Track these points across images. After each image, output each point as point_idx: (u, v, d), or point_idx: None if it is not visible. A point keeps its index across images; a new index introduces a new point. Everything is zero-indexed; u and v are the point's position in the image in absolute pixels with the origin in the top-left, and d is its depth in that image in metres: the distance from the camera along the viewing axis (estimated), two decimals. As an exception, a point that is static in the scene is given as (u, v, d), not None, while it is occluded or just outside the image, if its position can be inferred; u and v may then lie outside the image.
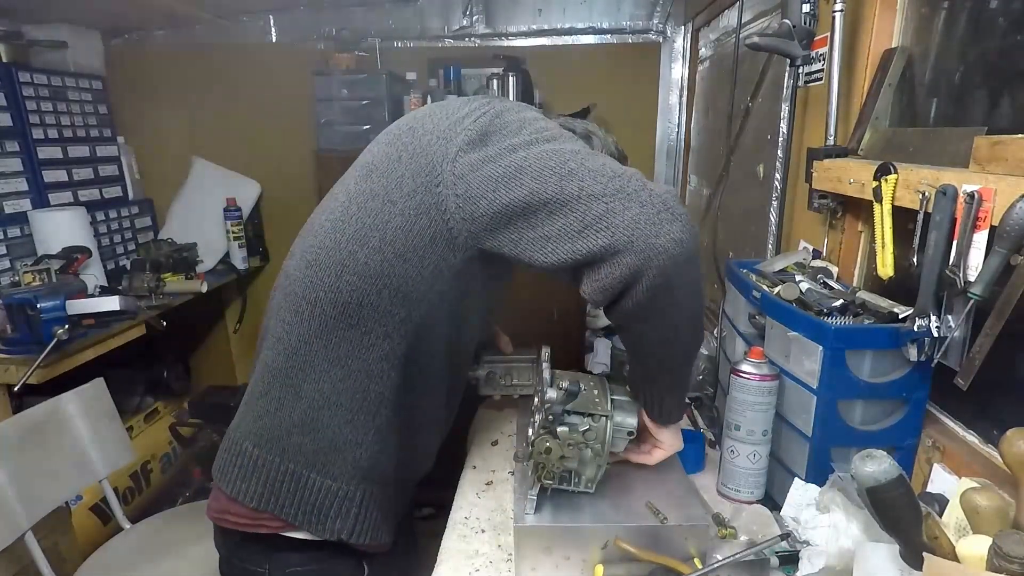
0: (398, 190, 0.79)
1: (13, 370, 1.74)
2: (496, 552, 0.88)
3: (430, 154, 0.78)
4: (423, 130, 0.81)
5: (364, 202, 0.81)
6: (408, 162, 0.79)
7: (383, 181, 0.81)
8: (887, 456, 0.62)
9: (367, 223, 0.80)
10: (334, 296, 0.81)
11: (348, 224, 0.81)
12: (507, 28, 2.70)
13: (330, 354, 0.82)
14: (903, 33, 1.06)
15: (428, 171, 0.77)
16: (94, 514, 1.93)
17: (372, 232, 0.79)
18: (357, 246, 0.80)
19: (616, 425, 0.85)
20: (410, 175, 0.78)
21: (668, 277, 0.70)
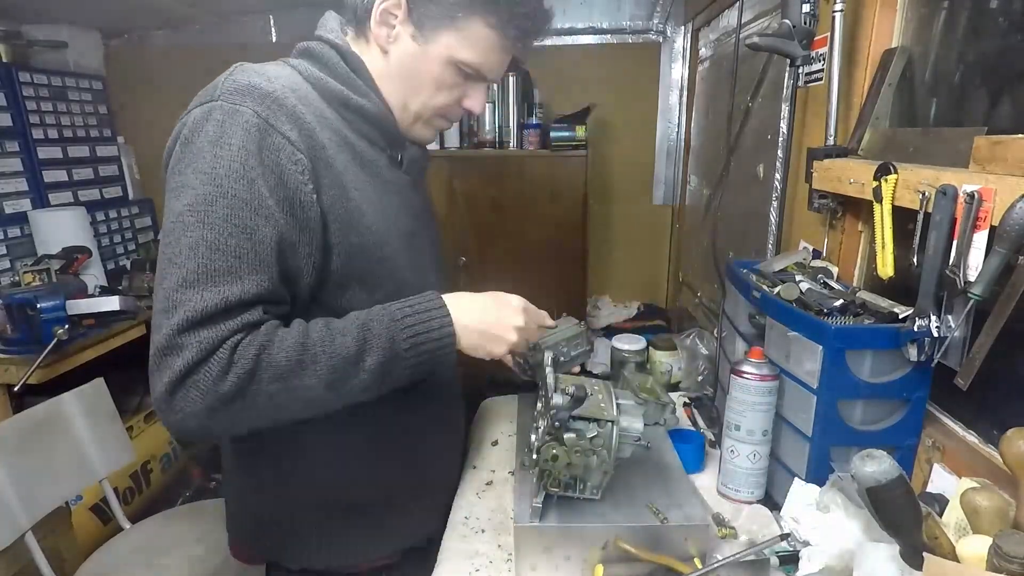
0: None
1: (13, 370, 1.74)
2: (496, 552, 0.88)
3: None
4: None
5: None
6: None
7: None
8: (887, 456, 0.62)
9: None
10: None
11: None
12: (507, 28, 2.69)
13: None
14: (903, 33, 1.06)
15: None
16: (94, 514, 1.93)
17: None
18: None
19: (623, 430, 0.85)
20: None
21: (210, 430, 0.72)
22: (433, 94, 0.87)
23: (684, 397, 1.34)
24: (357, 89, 0.85)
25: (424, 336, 0.78)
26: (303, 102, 0.79)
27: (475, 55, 0.84)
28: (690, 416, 1.27)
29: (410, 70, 0.86)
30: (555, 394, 0.81)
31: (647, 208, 2.87)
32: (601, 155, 2.75)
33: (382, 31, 0.85)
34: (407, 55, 0.85)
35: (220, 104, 0.73)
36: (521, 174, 2.47)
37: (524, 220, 2.49)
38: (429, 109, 0.89)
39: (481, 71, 0.86)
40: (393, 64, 0.86)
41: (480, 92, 0.91)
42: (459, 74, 0.86)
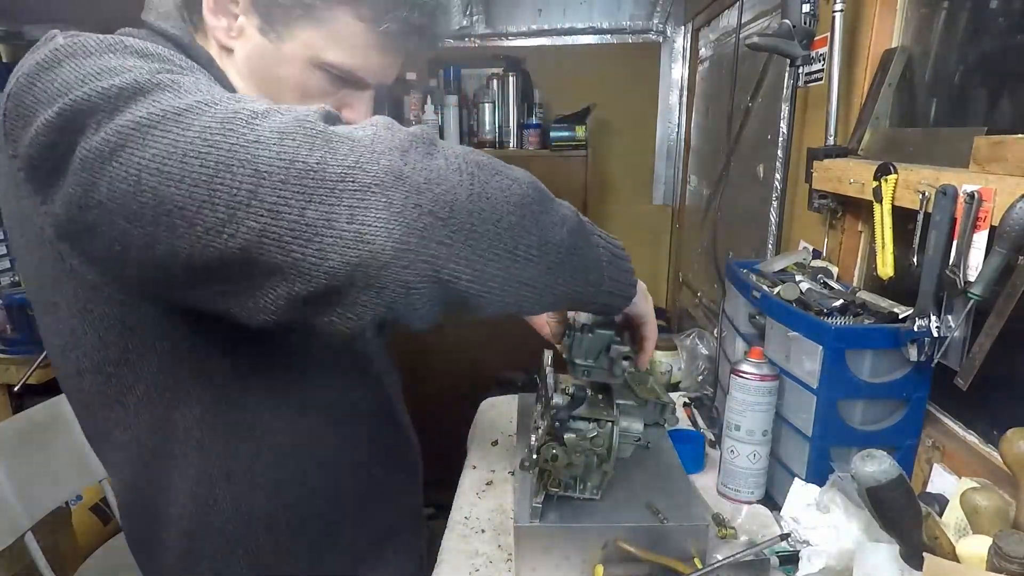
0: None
1: (13, 370, 1.74)
2: (496, 552, 0.88)
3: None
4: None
5: None
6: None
7: None
8: (887, 456, 0.62)
9: None
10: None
11: None
12: (507, 28, 2.70)
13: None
14: (903, 33, 1.06)
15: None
16: (94, 514, 1.93)
17: None
18: None
19: (623, 430, 0.85)
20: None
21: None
22: (297, 104, 0.63)
23: (684, 397, 1.34)
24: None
25: (605, 234, 0.65)
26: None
27: (345, 55, 0.65)
28: (690, 416, 1.27)
29: (264, 74, 0.67)
30: (555, 394, 0.81)
31: (647, 208, 2.87)
32: (601, 155, 2.75)
33: (220, 23, 0.66)
34: (258, 55, 0.66)
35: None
36: (521, 174, 2.47)
37: (524, 220, 2.48)
38: None
39: (357, 75, 0.67)
40: (241, 66, 0.67)
41: (363, 101, 0.71)
42: (329, 79, 0.67)
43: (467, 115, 2.55)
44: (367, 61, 0.67)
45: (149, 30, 0.67)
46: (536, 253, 0.52)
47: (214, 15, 0.66)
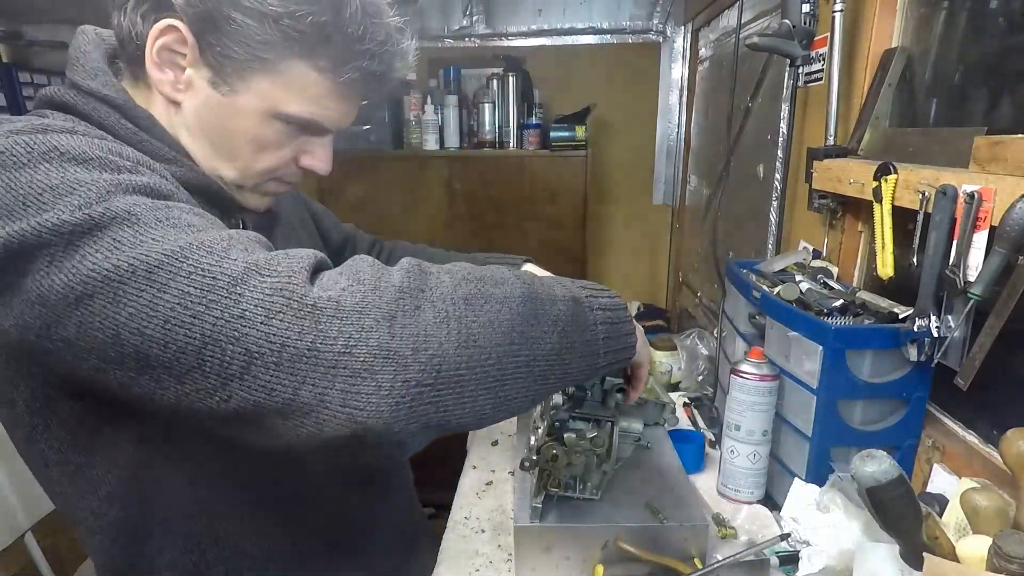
0: None
1: (13, 370, 1.74)
2: (496, 552, 0.88)
3: None
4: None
5: None
6: None
7: None
8: (887, 456, 0.62)
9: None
10: None
11: None
12: (507, 28, 2.70)
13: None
14: (903, 33, 1.06)
15: None
16: (94, 514, 1.93)
17: None
18: None
19: (623, 430, 0.85)
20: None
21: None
22: (254, 157, 0.66)
23: (684, 397, 1.34)
24: (156, 153, 0.62)
25: (600, 292, 0.63)
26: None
27: (304, 106, 0.63)
28: (690, 416, 1.27)
29: (216, 128, 0.64)
30: (554, 394, 0.81)
31: (647, 208, 2.87)
32: (601, 155, 2.75)
33: (166, 76, 0.62)
34: (209, 108, 0.63)
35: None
36: (521, 174, 2.47)
37: (524, 220, 2.48)
38: (254, 175, 0.67)
39: (319, 124, 0.66)
40: (190, 119, 0.64)
41: (322, 146, 0.70)
42: (287, 129, 0.65)
43: (467, 115, 2.55)
44: (326, 110, 0.65)
45: (78, 91, 0.62)
46: (525, 371, 0.54)
47: (159, 69, 0.62)
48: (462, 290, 0.51)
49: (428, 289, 0.50)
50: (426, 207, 2.46)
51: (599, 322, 0.60)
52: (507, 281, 0.55)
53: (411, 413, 0.47)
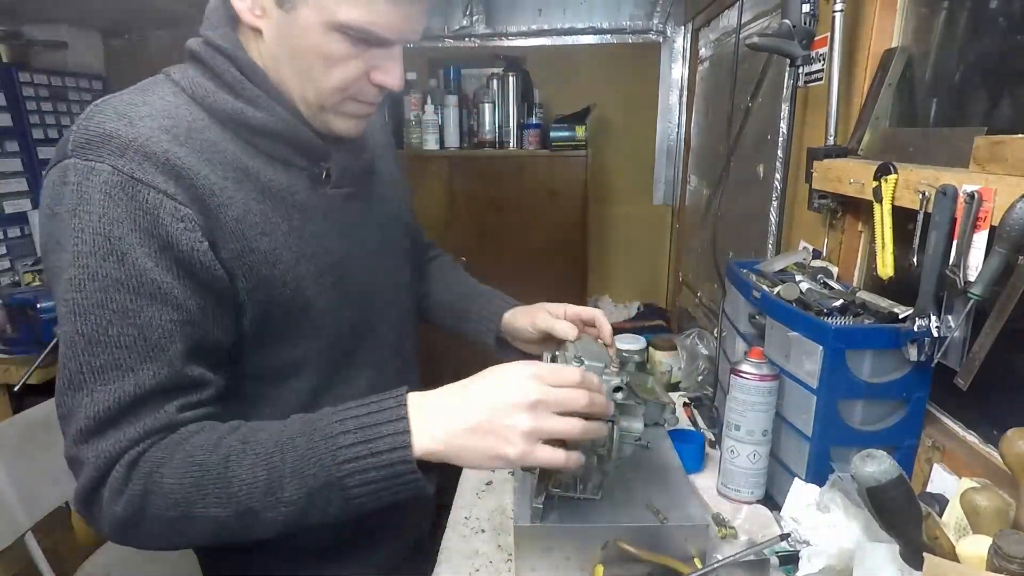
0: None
1: (13, 370, 1.74)
2: (496, 552, 0.88)
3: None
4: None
5: None
6: None
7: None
8: (887, 456, 0.62)
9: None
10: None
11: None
12: (507, 28, 2.70)
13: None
14: (903, 33, 1.06)
15: None
16: (94, 514, 1.93)
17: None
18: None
19: (623, 430, 0.84)
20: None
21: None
22: (325, 73, 0.67)
23: (684, 397, 1.34)
24: (255, 101, 0.68)
25: (369, 460, 0.58)
26: (181, 139, 0.63)
27: (357, 12, 0.63)
28: (690, 416, 1.27)
29: (289, 49, 0.67)
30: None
31: (647, 208, 2.87)
32: (601, 155, 2.75)
33: (244, 4, 0.66)
34: (279, 30, 0.66)
35: (73, 163, 0.60)
36: (521, 174, 2.47)
37: (524, 220, 2.49)
38: (328, 93, 0.69)
39: (376, 33, 0.65)
40: (270, 45, 0.68)
41: (391, 62, 0.69)
42: (350, 41, 0.66)
43: (467, 115, 2.55)
44: (380, 15, 0.64)
45: (204, 42, 0.69)
46: (246, 538, 0.63)
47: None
48: (170, 514, 0.60)
49: (144, 513, 0.60)
50: (426, 207, 2.46)
51: (356, 496, 0.60)
52: (220, 503, 0.59)
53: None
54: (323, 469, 0.58)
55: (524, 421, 0.59)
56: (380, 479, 0.59)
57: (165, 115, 0.64)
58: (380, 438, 0.58)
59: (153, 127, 0.62)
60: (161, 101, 0.66)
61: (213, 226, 0.64)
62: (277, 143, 0.70)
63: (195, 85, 0.67)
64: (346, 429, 0.59)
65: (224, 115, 0.67)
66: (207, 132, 0.66)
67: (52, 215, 0.61)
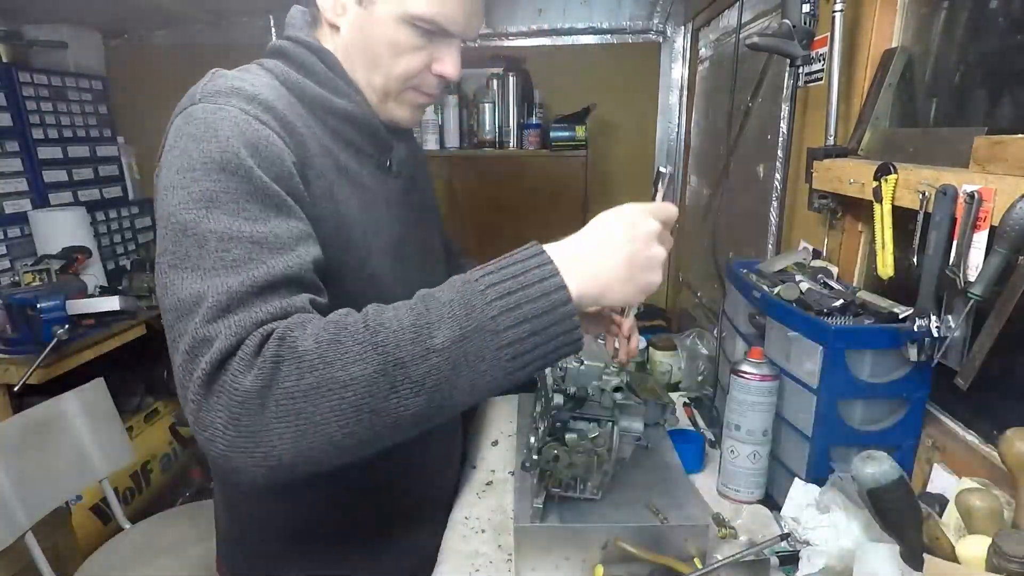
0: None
1: (13, 370, 1.74)
2: (496, 552, 0.88)
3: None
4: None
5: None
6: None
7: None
8: (887, 457, 0.62)
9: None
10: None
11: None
12: (507, 28, 2.70)
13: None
14: (903, 33, 1.06)
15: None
16: (94, 514, 1.93)
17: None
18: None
19: (623, 430, 0.85)
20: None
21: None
22: (393, 62, 0.76)
23: (684, 397, 1.34)
24: (338, 90, 0.77)
25: (520, 294, 0.55)
26: (289, 109, 0.72)
27: (426, 5, 0.72)
28: (690, 416, 1.27)
29: (363, 41, 0.76)
30: (555, 394, 0.81)
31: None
32: (601, 155, 2.75)
33: (327, 3, 0.77)
34: (356, 25, 0.76)
35: (201, 106, 0.65)
36: (521, 174, 2.47)
37: (524, 220, 2.48)
38: (394, 81, 0.78)
39: (441, 24, 0.74)
40: (347, 39, 0.78)
41: (451, 52, 0.79)
42: (417, 33, 0.75)
43: (467, 115, 2.55)
44: (446, 8, 0.73)
45: (290, 40, 0.79)
46: (389, 432, 0.56)
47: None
48: (304, 382, 0.53)
49: (273, 385, 0.53)
50: (426, 207, 2.46)
51: (513, 342, 0.55)
52: (363, 358, 0.54)
53: (255, 476, 0.56)
54: (472, 309, 0.54)
55: (660, 251, 0.63)
56: (534, 315, 0.55)
57: (272, 88, 0.72)
58: (527, 272, 0.56)
59: (268, 92, 0.70)
60: (264, 79, 0.74)
61: (310, 181, 0.70)
62: (353, 128, 0.78)
63: (285, 73, 0.75)
64: (488, 271, 0.57)
65: (310, 99, 0.75)
66: (301, 109, 0.74)
67: (171, 148, 0.64)
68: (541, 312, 0.55)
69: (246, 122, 0.65)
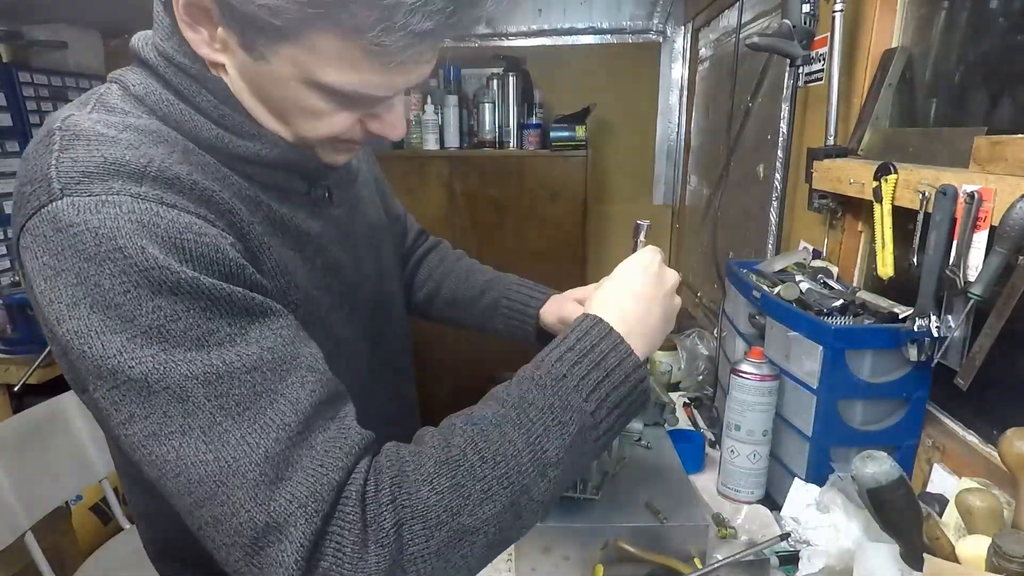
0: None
1: (13, 370, 1.74)
2: (496, 552, 0.88)
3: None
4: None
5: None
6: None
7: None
8: (888, 457, 0.62)
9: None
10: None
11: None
12: (507, 28, 2.70)
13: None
14: (903, 33, 1.06)
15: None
16: (94, 514, 1.93)
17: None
18: None
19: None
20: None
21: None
22: (308, 126, 0.57)
23: (684, 397, 1.34)
24: (237, 129, 0.57)
25: (608, 383, 0.54)
26: (194, 166, 0.53)
27: (341, 75, 0.52)
28: (690, 416, 1.27)
29: (261, 92, 0.56)
30: None
31: (647, 208, 2.87)
32: (601, 155, 2.75)
33: (199, 35, 0.54)
34: (248, 73, 0.55)
35: (69, 202, 0.45)
36: (521, 174, 2.47)
37: (524, 220, 2.49)
38: (314, 140, 0.59)
39: (367, 95, 0.54)
40: (236, 82, 0.56)
41: (390, 111, 0.60)
42: (334, 97, 0.54)
43: (467, 115, 2.55)
44: (368, 77, 0.52)
45: (158, 52, 0.57)
46: (523, 529, 0.52)
47: (191, 27, 0.53)
48: (435, 541, 0.47)
49: (402, 555, 0.46)
50: (426, 207, 2.46)
51: (607, 430, 0.55)
52: (490, 496, 0.49)
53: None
54: (572, 411, 0.52)
55: (679, 300, 0.66)
56: (621, 400, 0.54)
57: (156, 137, 0.52)
58: (607, 356, 0.54)
59: (156, 150, 0.50)
60: (139, 120, 0.53)
61: (256, 260, 0.55)
62: (272, 172, 0.60)
63: (165, 104, 0.55)
64: (574, 363, 0.54)
65: (207, 143, 0.56)
66: (203, 156, 0.55)
67: (55, 275, 0.45)
68: (627, 394, 0.55)
69: (151, 213, 0.46)
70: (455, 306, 1.02)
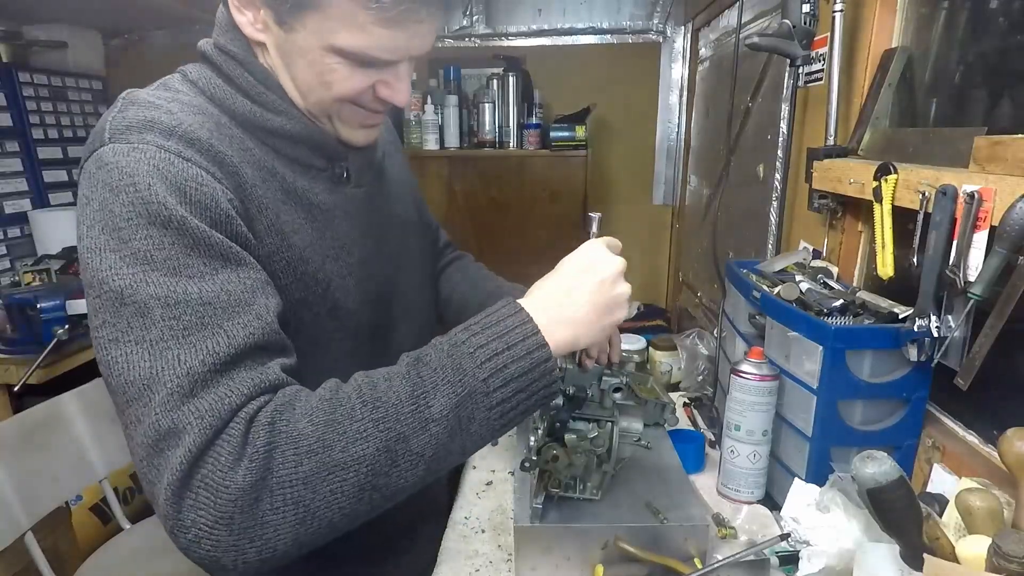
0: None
1: (13, 370, 1.74)
2: (496, 552, 0.88)
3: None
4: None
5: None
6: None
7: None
8: (888, 457, 0.62)
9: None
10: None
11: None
12: (507, 28, 2.70)
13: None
14: (903, 33, 1.06)
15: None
16: (94, 514, 1.93)
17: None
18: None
19: (623, 430, 0.85)
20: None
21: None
22: (326, 89, 0.67)
23: (684, 397, 1.34)
24: (271, 106, 0.68)
25: (506, 355, 0.57)
26: (215, 134, 0.63)
27: (352, 38, 0.63)
28: (690, 416, 1.27)
29: (290, 64, 0.68)
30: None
31: (647, 208, 2.87)
32: (601, 155, 2.75)
33: (245, 16, 0.67)
34: (281, 47, 0.67)
35: (112, 147, 0.58)
36: (521, 174, 2.47)
37: (524, 220, 2.49)
38: (329, 104, 0.70)
39: (375, 56, 0.65)
40: (273, 57, 0.69)
41: (395, 78, 0.69)
42: (350, 63, 0.65)
43: (467, 115, 2.55)
44: (378, 39, 0.63)
45: (215, 46, 0.70)
46: (387, 502, 0.56)
47: (239, 10, 0.67)
48: (304, 468, 0.52)
49: (268, 476, 0.51)
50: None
51: (503, 400, 0.57)
52: (364, 436, 0.53)
53: (245, 571, 0.53)
54: (463, 374, 0.56)
55: (626, 287, 0.66)
56: (520, 374, 0.57)
57: (196, 110, 0.64)
58: (510, 332, 0.58)
59: (193, 123, 0.62)
60: (187, 97, 0.66)
61: (252, 218, 0.64)
62: (296, 145, 0.71)
63: (213, 86, 0.68)
64: (474, 333, 0.58)
65: (243, 118, 0.68)
66: (233, 130, 0.67)
67: (86, 203, 0.56)
68: (526, 370, 0.58)
69: (167, 162, 0.57)
70: (464, 313, 1.04)
